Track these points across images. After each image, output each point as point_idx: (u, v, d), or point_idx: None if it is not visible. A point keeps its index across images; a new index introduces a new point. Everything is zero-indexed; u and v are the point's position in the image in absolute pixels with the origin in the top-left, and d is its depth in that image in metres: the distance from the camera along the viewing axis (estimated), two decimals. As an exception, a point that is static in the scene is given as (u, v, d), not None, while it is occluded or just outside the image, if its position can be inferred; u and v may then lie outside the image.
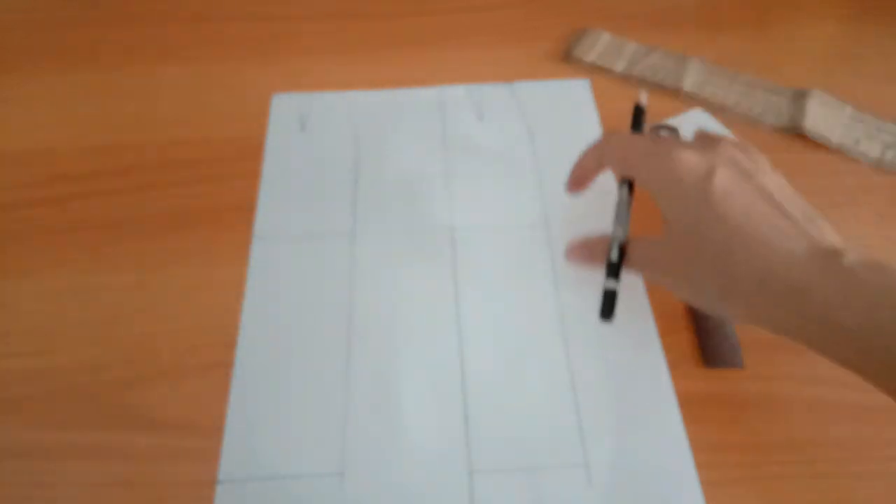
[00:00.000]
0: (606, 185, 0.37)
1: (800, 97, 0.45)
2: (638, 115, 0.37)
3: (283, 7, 0.54)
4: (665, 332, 0.36)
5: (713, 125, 0.44)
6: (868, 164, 0.42)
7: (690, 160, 0.29)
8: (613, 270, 0.32)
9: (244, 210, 0.41)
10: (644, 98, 0.37)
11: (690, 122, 0.45)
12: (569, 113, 0.46)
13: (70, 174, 0.43)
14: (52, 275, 0.38)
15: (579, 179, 0.36)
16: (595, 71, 0.48)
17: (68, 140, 0.45)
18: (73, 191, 0.42)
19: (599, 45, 0.49)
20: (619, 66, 0.48)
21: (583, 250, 0.35)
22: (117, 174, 0.43)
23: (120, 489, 0.31)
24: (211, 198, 0.41)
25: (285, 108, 0.46)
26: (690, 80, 0.47)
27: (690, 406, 0.33)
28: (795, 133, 0.44)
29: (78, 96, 0.47)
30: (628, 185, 0.34)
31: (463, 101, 0.46)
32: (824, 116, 0.44)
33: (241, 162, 0.43)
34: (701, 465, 0.31)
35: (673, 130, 0.39)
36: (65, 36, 0.52)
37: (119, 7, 0.54)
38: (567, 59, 0.49)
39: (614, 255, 0.32)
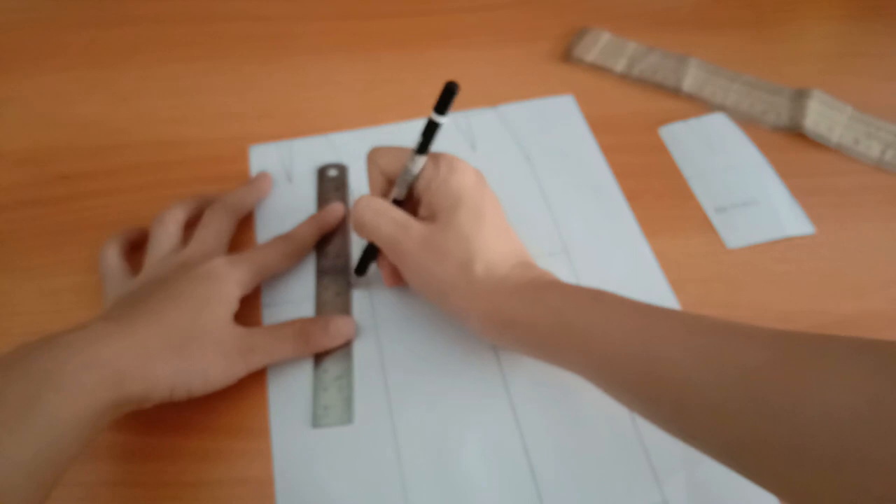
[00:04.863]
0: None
1: (800, 97, 0.45)
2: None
3: (283, 7, 0.54)
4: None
5: (733, 130, 0.44)
6: (868, 164, 0.42)
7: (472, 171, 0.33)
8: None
9: (244, 210, 0.41)
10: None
11: (710, 125, 0.44)
12: (560, 131, 0.44)
13: (70, 174, 0.43)
14: (52, 275, 0.38)
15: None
16: (595, 71, 0.48)
17: (68, 140, 0.45)
18: (73, 191, 0.42)
19: (599, 45, 0.49)
20: (619, 66, 0.48)
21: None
22: (117, 174, 0.43)
23: (120, 489, 0.31)
24: (211, 198, 0.41)
25: (266, 159, 0.43)
26: (690, 80, 0.47)
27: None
28: (795, 133, 0.44)
29: (78, 96, 0.47)
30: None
31: (451, 132, 0.44)
32: (824, 116, 0.44)
33: (241, 162, 0.43)
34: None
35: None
36: (65, 36, 0.52)
37: (119, 7, 0.54)
38: (567, 59, 0.49)
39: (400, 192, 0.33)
